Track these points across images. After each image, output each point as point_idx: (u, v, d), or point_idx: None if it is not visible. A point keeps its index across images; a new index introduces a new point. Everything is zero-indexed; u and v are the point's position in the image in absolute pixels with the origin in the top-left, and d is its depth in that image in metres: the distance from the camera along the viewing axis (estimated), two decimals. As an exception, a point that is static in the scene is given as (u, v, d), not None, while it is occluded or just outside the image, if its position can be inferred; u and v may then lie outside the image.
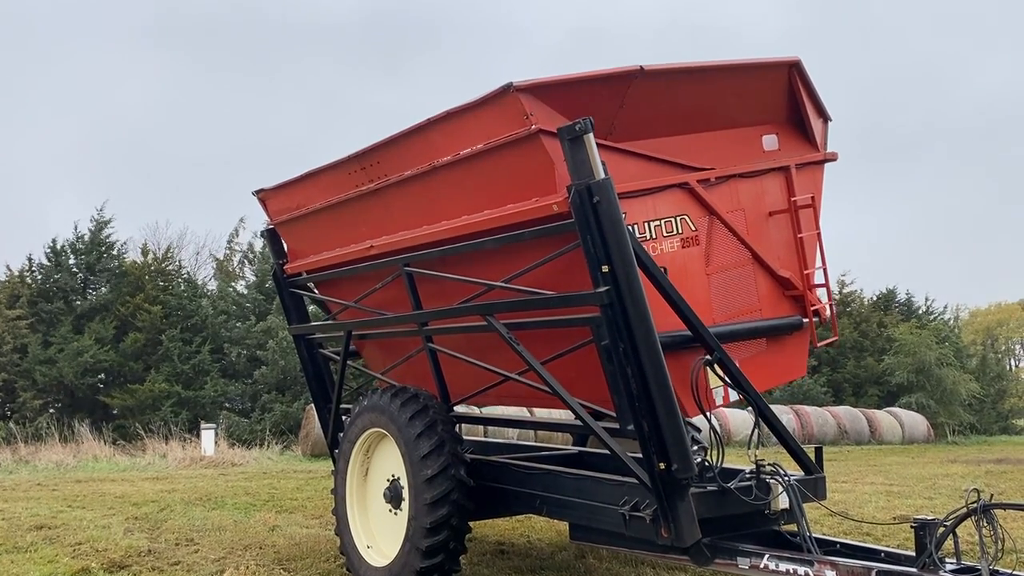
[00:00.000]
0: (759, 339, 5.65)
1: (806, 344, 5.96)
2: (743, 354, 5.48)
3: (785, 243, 5.80)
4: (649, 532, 4.67)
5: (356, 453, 6.35)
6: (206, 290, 28.48)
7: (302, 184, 7.09)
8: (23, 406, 22.37)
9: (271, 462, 18.08)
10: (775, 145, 5.87)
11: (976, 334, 64.54)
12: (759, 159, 5.77)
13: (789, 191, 5.79)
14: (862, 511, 9.71)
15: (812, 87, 5.89)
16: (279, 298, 8.47)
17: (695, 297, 5.18)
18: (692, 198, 5.35)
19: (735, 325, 5.48)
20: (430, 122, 5.48)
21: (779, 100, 5.85)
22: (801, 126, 5.96)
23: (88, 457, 18.09)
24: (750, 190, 5.67)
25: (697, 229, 5.36)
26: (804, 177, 5.91)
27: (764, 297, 5.69)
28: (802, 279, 5.82)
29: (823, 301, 6.05)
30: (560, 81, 4.88)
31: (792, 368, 5.98)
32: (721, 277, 5.49)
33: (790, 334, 5.78)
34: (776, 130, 5.90)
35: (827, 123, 6.14)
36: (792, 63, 5.76)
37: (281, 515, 9.74)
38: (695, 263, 5.36)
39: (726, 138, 5.67)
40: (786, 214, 5.77)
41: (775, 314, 5.73)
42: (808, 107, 5.90)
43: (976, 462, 17.63)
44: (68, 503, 10.89)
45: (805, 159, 5.93)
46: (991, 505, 4.09)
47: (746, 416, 21.68)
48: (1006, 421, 33.44)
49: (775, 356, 5.74)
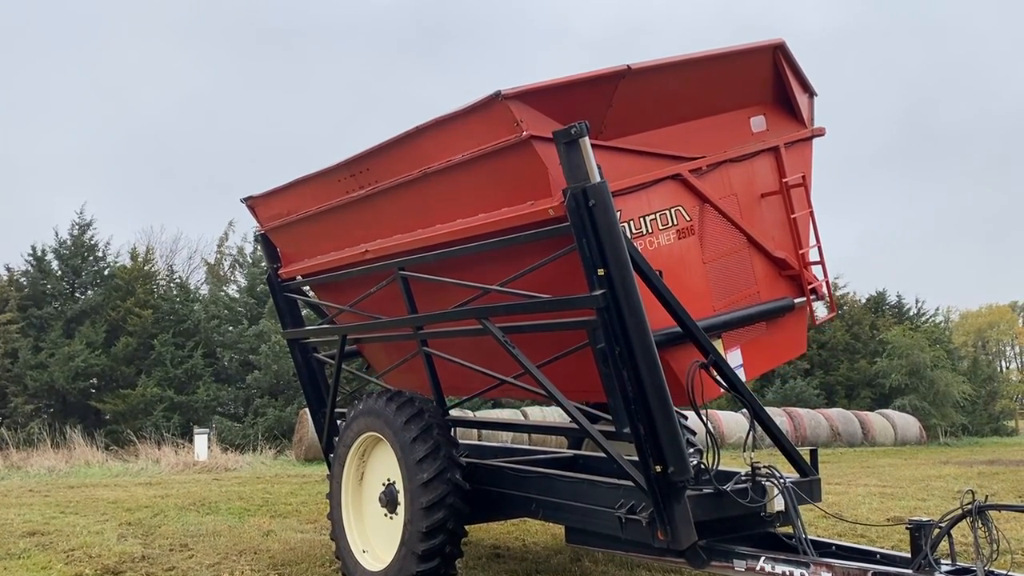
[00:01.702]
0: (759, 323, 5.68)
1: (804, 321, 6.02)
2: (744, 339, 5.52)
3: (779, 223, 5.84)
4: (645, 535, 4.68)
5: (351, 457, 6.34)
6: (198, 294, 28.41)
7: (291, 191, 7.07)
8: (14, 411, 22.28)
9: (265, 467, 18.04)
10: (763, 126, 5.90)
11: (967, 336, 64.86)
12: (748, 141, 5.80)
13: (780, 172, 5.83)
14: (856, 513, 9.73)
15: (796, 65, 5.94)
16: (273, 302, 8.45)
17: (694, 287, 5.21)
18: (685, 188, 5.37)
19: (734, 313, 5.51)
20: (419, 130, 5.44)
21: (765, 82, 5.90)
22: (787, 104, 6.01)
23: (80, 463, 18.01)
24: (741, 174, 5.71)
25: (692, 219, 5.38)
26: (793, 155, 5.95)
27: (761, 279, 5.73)
28: (798, 258, 5.87)
29: (819, 279, 6.10)
30: (549, 86, 4.86)
31: (793, 346, 6.04)
32: (718, 264, 5.52)
33: (788, 313, 5.82)
34: (763, 111, 5.93)
35: (812, 98, 6.19)
36: (776, 46, 5.80)
37: (276, 520, 9.71)
38: (692, 253, 5.39)
39: (715, 124, 5.69)
40: (778, 195, 5.80)
41: (773, 295, 5.78)
42: (793, 84, 5.95)
43: (968, 463, 17.70)
44: (61, 509, 10.84)
45: (793, 137, 5.97)
46: (986, 506, 4.11)
47: (740, 418, 21.72)
48: (997, 422, 33.63)
49: (775, 336, 5.80)
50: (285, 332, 8.11)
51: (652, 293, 4.80)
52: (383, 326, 6.69)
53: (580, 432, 5.84)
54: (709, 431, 5.02)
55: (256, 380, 23.81)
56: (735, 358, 5.54)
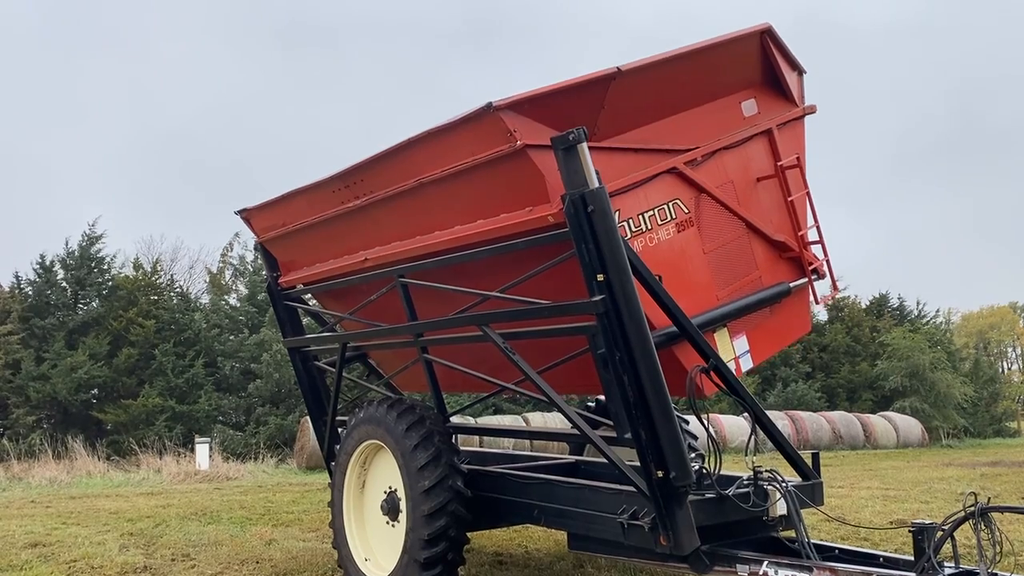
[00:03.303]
0: (763, 309, 5.72)
1: (807, 300, 6.06)
2: (749, 324, 5.54)
3: (776, 206, 5.88)
4: (647, 540, 4.66)
5: (353, 465, 6.33)
6: (199, 304, 28.41)
7: (285, 203, 7.05)
8: (16, 423, 22.26)
9: (266, 475, 18.01)
10: (755, 109, 5.93)
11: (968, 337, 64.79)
12: (741, 127, 5.82)
13: (774, 155, 5.86)
14: (859, 516, 9.72)
15: (784, 46, 5.97)
16: (273, 311, 8.46)
17: (697, 278, 5.22)
18: (681, 181, 5.39)
19: (738, 302, 5.53)
20: (411, 142, 5.41)
21: (754, 66, 5.93)
22: (777, 84, 6.03)
23: (82, 473, 17.99)
24: (736, 160, 5.73)
25: (690, 211, 5.39)
26: (786, 136, 5.98)
27: (762, 264, 5.77)
28: (797, 240, 5.89)
29: (820, 258, 6.13)
30: (540, 94, 4.83)
31: (797, 326, 6.08)
32: (719, 253, 5.54)
33: (791, 295, 5.86)
34: (754, 94, 5.95)
35: (802, 76, 6.22)
36: (763, 31, 5.83)
37: (277, 529, 9.70)
38: (692, 245, 5.40)
39: (707, 112, 5.70)
40: (774, 179, 5.83)
41: (774, 278, 5.81)
42: (781, 64, 5.98)
43: (971, 465, 17.67)
44: (62, 520, 10.82)
45: (785, 117, 6.00)
46: (989, 508, 4.10)
47: (741, 422, 21.69)
48: (1000, 424, 33.61)
49: (779, 318, 5.84)
50: (285, 340, 8.11)
51: (652, 298, 4.81)
52: (383, 333, 6.69)
53: (582, 438, 5.83)
54: (711, 435, 5.02)
55: (257, 389, 23.80)
56: (741, 345, 5.57)
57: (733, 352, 5.30)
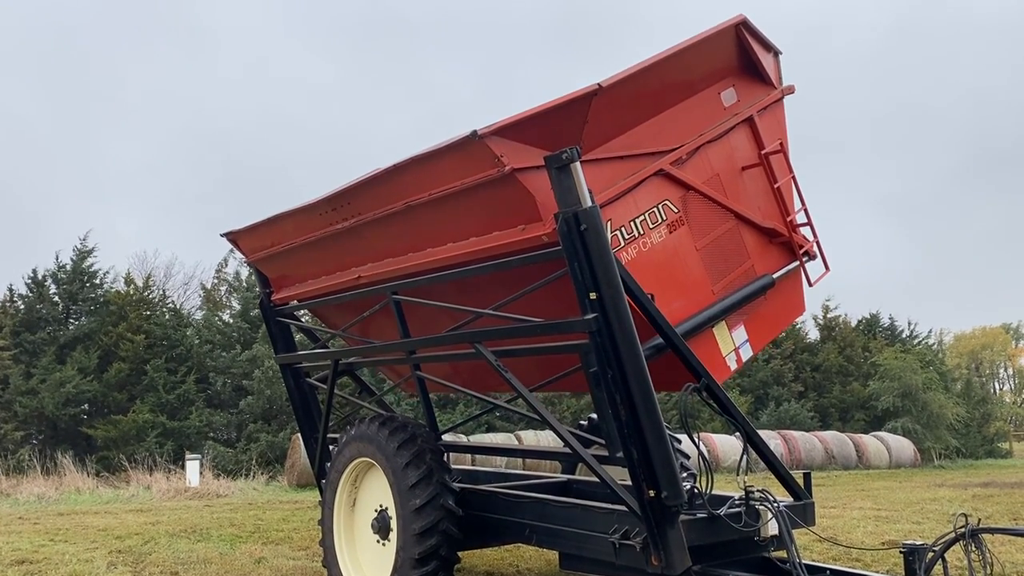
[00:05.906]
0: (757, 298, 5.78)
1: (800, 283, 6.13)
2: (746, 314, 5.58)
3: (763, 192, 5.96)
4: (639, 560, 4.65)
5: (343, 483, 6.30)
6: (191, 319, 28.31)
7: (272, 226, 7.03)
8: (4, 438, 22.06)
9: (257, 493, 17.89)
10: (734, 98, 5.99)
11: (960, 358, 64.94)
12: (722, 117, 5.87)
13: (758, 143, 5.91)
14: (851, 536, 9.69)
15: (758, 32, 6.05)
16: (266, 327, 8.44)
17: (691, 276, 5.26)
18: (669, 181, 5.44)
19: (733, 296, 5.58)
20: (397, 168, 5.40)
21: (730, 56, 5.98)
22: (754, 68, 6.09)
23: (71, 489, 17.84)
24: (720, 152, 5.79)
25: (680, 210, 5.44)
26: (768, 121, 6.05)
27: (754, 252, 5.83)
28: (786, 224, 5.95)
29: (809, 239, 6.18)
30: (524, 119, 4.83)
31: (792, 309, 6.15)
32: (711, 247, 5.61)
33: (783, 279, 5.94)
34: (732, 82, 6.01)
35: (777, 56, 6.28)
36: (739, 23, 5.89)
37: (267, 547, 9.63)
38: (685, 243, 5.45)
39: (688, 107, 5.74)
40: (759, 167, 5.89)
41: (766, 265, 5.87)
42: (756, 49, 6.05)
43: (963, 486, 17.67)
44: (50, 536, 10.72)
45: (765, 102, 6.06)
46: (979, 529, 4.11)
47: (734, 441, 21.67)
48: (992, 444, 33.59)
49: (774, 303, 5.91)
50: (277, 357, 8.08)
51: (644, 317, 4.82)
52: (376, 350, 6.68)
53: (573, 457, 5.82)
54: (702, 455, 5.01)
55: (249, 405, 23.66)
56: (740, 335, 5.63)
57: (733, 344, 5.35)
